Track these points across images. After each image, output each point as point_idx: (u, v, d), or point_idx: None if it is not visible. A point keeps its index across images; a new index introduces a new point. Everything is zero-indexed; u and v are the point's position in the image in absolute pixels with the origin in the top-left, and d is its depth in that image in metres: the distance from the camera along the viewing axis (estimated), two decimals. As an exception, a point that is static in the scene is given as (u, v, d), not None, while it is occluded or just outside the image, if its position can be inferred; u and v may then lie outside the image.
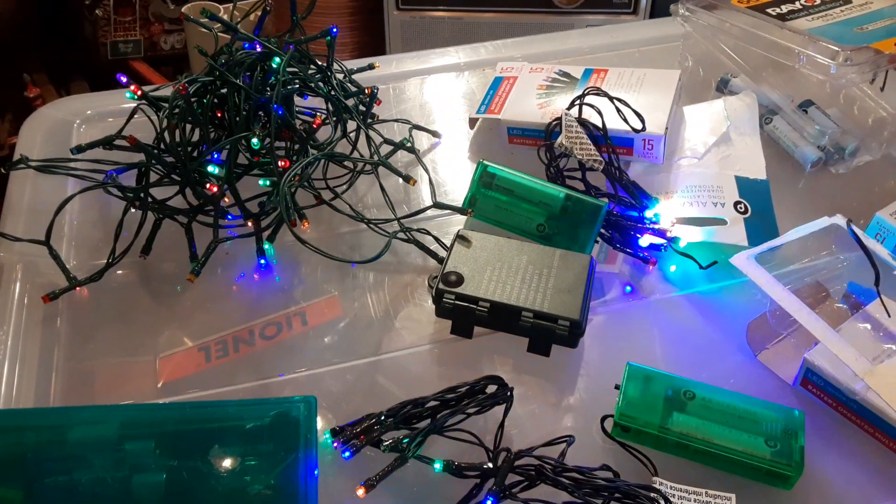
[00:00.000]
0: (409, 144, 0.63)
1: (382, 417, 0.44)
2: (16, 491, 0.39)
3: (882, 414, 0.45)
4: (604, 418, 0.47)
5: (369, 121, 0.63)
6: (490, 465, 0.42)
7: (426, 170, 0.62)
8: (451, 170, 0.65)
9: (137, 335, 0.53)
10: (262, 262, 0.55)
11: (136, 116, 0.57)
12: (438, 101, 0.73)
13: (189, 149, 0.53)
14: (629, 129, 0.60)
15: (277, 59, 0.53)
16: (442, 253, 0.54)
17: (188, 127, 0.54)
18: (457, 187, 0.63)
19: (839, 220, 0.52)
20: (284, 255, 0.57)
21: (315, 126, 0.55)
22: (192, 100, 0.54)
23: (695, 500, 0.43)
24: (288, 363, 0.51)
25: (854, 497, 0.45)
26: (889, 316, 0.49)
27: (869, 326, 0.49)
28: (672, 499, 0.42)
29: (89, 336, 0.52)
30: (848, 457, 0.47)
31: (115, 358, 0.51)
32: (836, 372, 0.46)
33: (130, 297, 0.55)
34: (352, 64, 0.68)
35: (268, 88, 0.56)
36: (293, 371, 0.51)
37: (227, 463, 0.40)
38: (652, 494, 0.41)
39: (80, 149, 0.54)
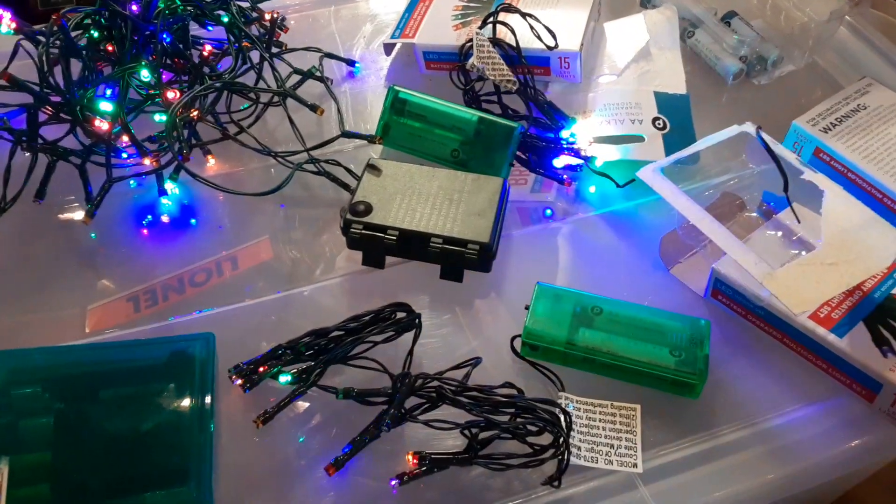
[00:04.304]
0: (318, 73, 0.61)
1: (281, 351, 0.43)
2: None
3: (787, 318, 0.45)
4: (513, 338, 0.46)
5: (276, 50, 0.61)
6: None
7: (335, 99, 0.60)
8: (368, 99, 0.63)
9: (44, 285, 0.51)
10: (165, 200, 0.53)
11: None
12: (355, 27, 0.70)
13: (76, 86, 0.50)
14: (544, 47, 0.58)
15: (161, -16, 0.50)
16: (353, 184, 0.53)
17: (78, 63, 0.51)
18: (376, 117, 0.61)
19: (749, 127, 0.51)
20: (197, 196, 0.55)
21: (207, 55, 0.52)
22: (77, 33, 0.51)
23: (600, 412, 0.43)
24: (206, 307, 0.49)
25: (761, 403, 0.45)
26: (799, 222, 0.49)
27: (779, 234, 0.49)
28: (577, 412, 0.42)
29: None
30: (756, 364, 0.47)
31: (22, 309, 0.49)
32: (743, 280, 0.46)
33: (32, 244, 0.53)
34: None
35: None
36: (202, 312, 0.49)
37: (118, 403, 0.39)
38: (555, 409, 0.40)
39: (-41, 91, 0.51)
